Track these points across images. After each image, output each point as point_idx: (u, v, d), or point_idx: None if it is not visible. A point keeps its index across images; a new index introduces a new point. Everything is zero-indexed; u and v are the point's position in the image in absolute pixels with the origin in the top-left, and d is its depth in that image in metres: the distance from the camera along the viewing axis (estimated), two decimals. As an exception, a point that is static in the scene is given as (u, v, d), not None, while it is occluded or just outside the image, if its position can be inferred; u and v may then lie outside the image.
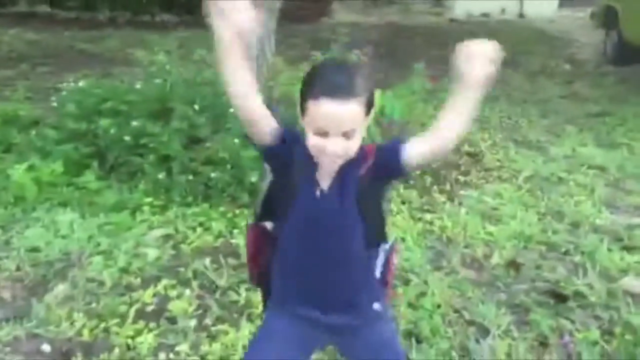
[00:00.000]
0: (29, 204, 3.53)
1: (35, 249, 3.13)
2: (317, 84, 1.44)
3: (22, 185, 3.55)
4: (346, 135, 1.44)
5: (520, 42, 9.30)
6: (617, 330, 2.65)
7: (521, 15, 13.43)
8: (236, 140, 3.64)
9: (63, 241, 3.20)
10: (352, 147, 1.46)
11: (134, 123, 3.78)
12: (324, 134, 1.44)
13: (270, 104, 1.54)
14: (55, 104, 4.21)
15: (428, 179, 4.16)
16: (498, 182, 4.30)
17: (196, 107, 3.76)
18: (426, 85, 4.59)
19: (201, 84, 4.10)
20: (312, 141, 1.45)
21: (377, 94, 1.48)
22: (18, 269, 2.98)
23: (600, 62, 8.40)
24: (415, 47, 8.08)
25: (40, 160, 3.71)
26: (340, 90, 1.42)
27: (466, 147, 4.76)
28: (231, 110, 3.87)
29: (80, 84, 4.21)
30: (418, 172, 4.22)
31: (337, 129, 1.43)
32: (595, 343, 2.56)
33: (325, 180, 1.54)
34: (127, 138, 3.75)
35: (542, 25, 12.08)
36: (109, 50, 8.48)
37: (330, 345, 1.86)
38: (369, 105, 1.48)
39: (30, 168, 3.65)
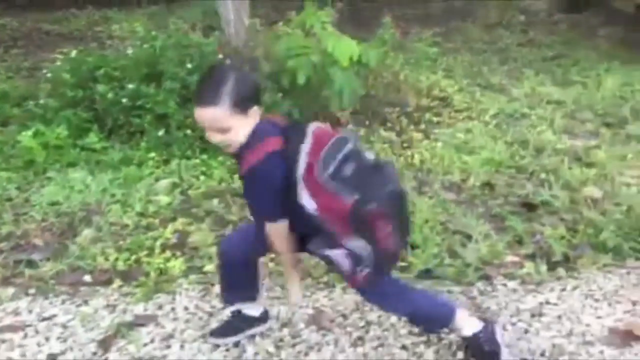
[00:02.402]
0: (39, 166, 3.78)
1: (55, 203, 3.40)
2: (195, 92, 1.87)
3: (31, 149, 3.78)
4: (220, 131, 1.82)
5: (476, -3, 9.70)
6: (581, 227, 3.08)
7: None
8: (229, 94, 3.92)
9: (80, 195, 3.47)
10: (231, 139, 1.83)
11: (130, 86, 4.03)
12: (207, 130, 1.85)
13: None
14: (49, 75, 4.41)
15: (404, 121, 4.53)
16: (467, 121, 4.70)
17: (189, 66, 4.02)
18: (396, 36, 4.92)
19: (188, 46, 4.35)
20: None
21: (252, 93, 1.85)
22: (43, 220, 3.25)
23: (552, 11, 8.86)
24: (379, 6, 8.37)
25: (44, 126, 3.94)
26: (201, 99, 1.81)
27: (436, 92, 5.14)
28: (221, 67, 4.17)
29: (73, 54, 4.40)
30: (395, 116, 4.59)
31: (209, 127, 1.83)
32: (562, 237, 2.99)
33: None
34: (124, 100, 4.00)
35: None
36: (77, 29, 8.56)
37: None
38: (239, 105, 1.78)
39: (36, 134, 3.88)
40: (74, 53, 4.42)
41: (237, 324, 2.30)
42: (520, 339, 2.29)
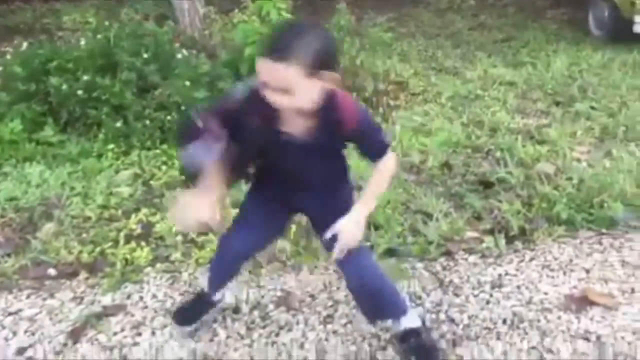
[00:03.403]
0: (-6, 162, 3.70)
1: (13, 199, 3.34)
2: (264, 45, 1.66)
3: (-16, 145, 3.70)
4: (284, 91, 1.62)
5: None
6: (535, 202, 3.20)
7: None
8: (187, 83, 3.91)
9: (38, 189, 3.42)
10: (296, 102, 1.65)
11: (85, 78, 3.97)
12: (266, 86, 1.64)
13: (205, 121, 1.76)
14: (0, 68, 4.28)
15: (362, 105, 4.58)
16: (424, 104, 4.79)
17: (145, 55, 3.98)
18: (351, 22, 4.97)
19: (143, 36, 4.31)
20: (263, 92, 1.66)
21: (333, 57, 1.69)
22: (2, 215, 3.19)
23: (501, -5, 9.06)
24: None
25: (-3, 121, 3.85)
26: (275, 52, 1.59)
27: (392, 77, 5.22)
28: (178, 56, 4.15)
29: (24, 47, 4.30)
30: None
31: (274, 85, 1.62)
32: (518, 212, 3.10)
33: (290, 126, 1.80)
34: (79, 92, 3.93)
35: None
36: (23, 22, 8.33)
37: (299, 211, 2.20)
38: (314, 66, 1.60)
39: (-11, 129, 3.79)
40: (24, 45, 4.32)
41: (199, 308, 2.31)
42: (482, 309, 2.39)
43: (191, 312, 2.31)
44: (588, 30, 6.86)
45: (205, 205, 1.76)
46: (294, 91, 1.62)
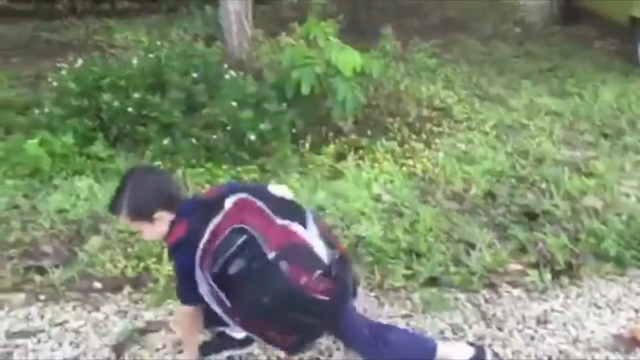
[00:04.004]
0: (45, 174, 3.81)
1: (62, 211, 3.43)
2: None
3: (37, 157, 3.82)
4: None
5: (471, 10, 9.79)
6: (582, 236, 3.14)
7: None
8: (233, 104, 3.98)
9: (87, 203, 3.51)
10: (151, 237, 2.03)
11: (135, 95, 4.08)
12: None
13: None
14: (55, 84, 4.43)
15: (405, 131, 4.59)
16: (467, 131, 4.75)
17: (194, 75, 4.07)
18: (397, 47, 5.00)
19: (193, 56, 4.40)
20: None
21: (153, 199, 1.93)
22: (51, 227, 3.28)
23: (548, 23, 8.96)
24: (379, 18, 8.46)
25: (50, 135, 3.97)
26: (112, 210, 1.95)
27: (436, 103, 5.21)
28: (226, 77, 4.23)
29: (79, 63, 4.44)
30: (397, 126, 4.65)
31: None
32: (564, 246, 3.04)
33: None
34: (130, 109, 4.04)
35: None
36: (76, 39, 8.58)
37: None
38: (141, 212, 1.91)
39: (42, 142, 3.91)
40: (79, 62, 4.46)
41: (217, 343, 2.34)
42: (527, 345, 2.34)
43: (215, 346, 2.33)
44: (637, 62, 6.72)
45: None
46: (141, 231, 2.01)
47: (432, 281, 2.81)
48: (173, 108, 4.05)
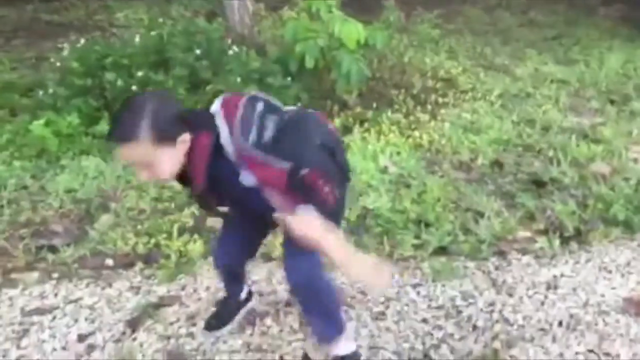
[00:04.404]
0: (52, 154, 3.81)
1: (71, 190, 3.44)
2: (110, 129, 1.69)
3: (43, 138, 3.81)
4: (141, 165, 1.68)
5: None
6: (590, 202, 3.14)
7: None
8: (238, 79, 3.96)
9: (95, 181, 3.51)
10: (157, 173, 1.69)
11: (139, 73, 4.06)
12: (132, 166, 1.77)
13: None
14: (58, 64, 4.42)
15: (411, 103, 4.57)
16: (473, 101, 4.73)
17: (197, 52, 4.04)
18: (400, 19, 4.95)
19: (195, 33, 4.37)
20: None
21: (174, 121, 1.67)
22: (61, 207, 3.29)
23: (552, -9, 8.87)
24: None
25: (56, 115, 3.97)
26: (114, 138, 1.64)
27: (441, 74, 5.17)
28: (229, 52, 4.20)
29: (81, 43, 4.42)
30: (402, 98, 4.62)
31: (136, 164, 1.70)
32: (573, 212, 3.04)
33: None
34: (134, 87, 4.02)
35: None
36: (76, 19, 8.53)
37: None
38: (159, 137, 1.62)
39: (48, 123, 3.90)
40: (81, 42, 4.43)
41: (229, 311, 2.34)
42: (537, 310, 2.35)
43: (222, 316, 2.33)
44: (643, 28, 6.67)
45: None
46: (151, 164, 1.67)
47: (442, 250, 2.82)
48: (177, 85, 4.04)
